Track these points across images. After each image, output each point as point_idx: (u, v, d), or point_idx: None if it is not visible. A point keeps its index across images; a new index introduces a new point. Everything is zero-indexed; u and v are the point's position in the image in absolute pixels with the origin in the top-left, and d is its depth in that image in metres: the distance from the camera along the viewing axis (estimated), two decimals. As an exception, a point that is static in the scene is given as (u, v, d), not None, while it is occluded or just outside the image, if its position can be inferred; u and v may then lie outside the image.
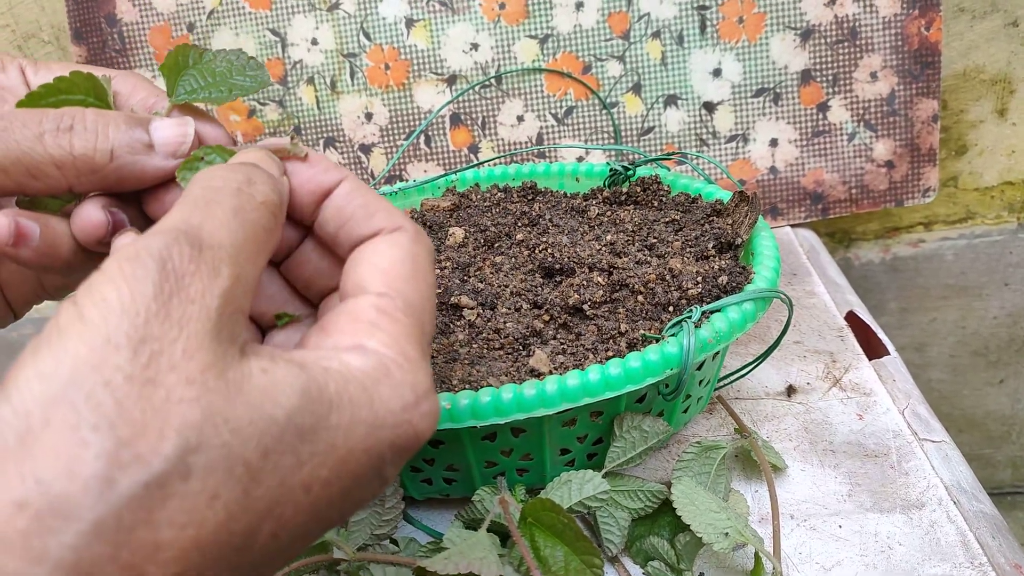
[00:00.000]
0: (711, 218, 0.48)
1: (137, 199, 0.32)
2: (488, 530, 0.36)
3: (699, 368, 0.42)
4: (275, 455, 0.20)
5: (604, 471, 0.40)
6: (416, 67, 0.66)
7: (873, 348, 0.54)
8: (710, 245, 0.45)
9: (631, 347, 0.40)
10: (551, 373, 0.39)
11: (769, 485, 0.39)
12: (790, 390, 0.49)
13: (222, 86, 0.33)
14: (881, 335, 0.54)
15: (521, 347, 0.42)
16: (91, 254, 0.31)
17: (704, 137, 0.65)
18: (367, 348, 0.24)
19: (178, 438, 0.19)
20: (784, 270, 0.62)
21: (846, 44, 0.63)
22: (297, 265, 0.30)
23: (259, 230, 0.24)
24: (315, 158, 0.29)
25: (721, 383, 0.49)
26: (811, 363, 0.52)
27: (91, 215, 0.30)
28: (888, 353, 0.52)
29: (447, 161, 0.68)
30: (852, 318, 0.56)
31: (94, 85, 0.32)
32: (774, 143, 0.65)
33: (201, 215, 0.24)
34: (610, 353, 0.40)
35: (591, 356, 0.40)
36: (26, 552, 0.17)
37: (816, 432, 0.46)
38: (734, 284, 0.42)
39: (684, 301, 0.42)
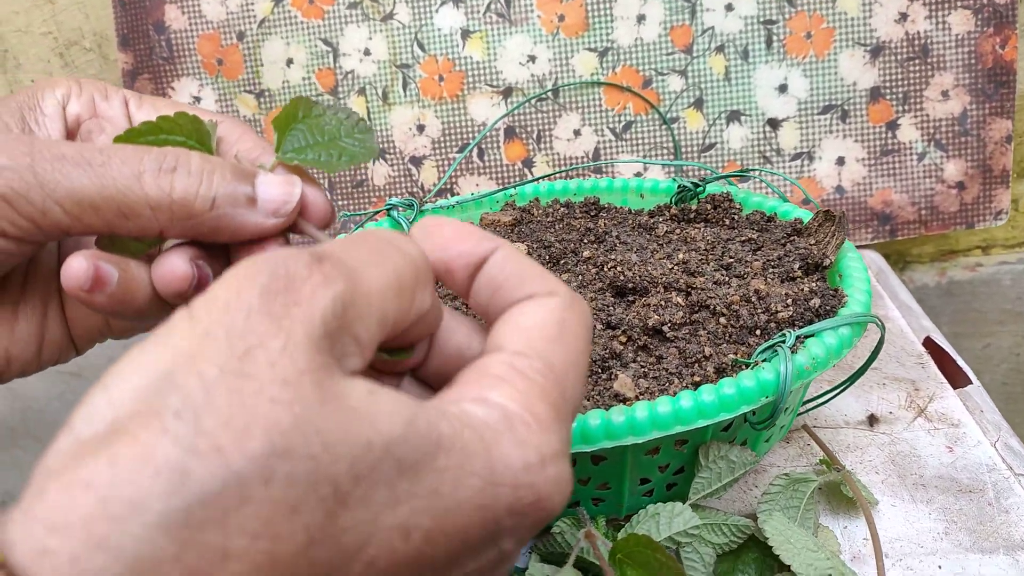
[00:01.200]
0: (791, 238, 0.46)
1: (225, 253, 0.31)
2: (573, 565, 0.34)
3: (790, 394, 0.40)
4: (368, 484, 0.18)
5: (689, 503, 0.38)
6: (471, 79, 0.64)
7: (951, 376, 0.51)
8: (796, 266, 0.43)
9: (719, 372, 0.38)
10: (637, 399, 0.37)
11: (869, 523, 0.36)
12: (872, 419, 0.47)
13: (332, 148, 0.32)
14: (961, 363, 0.51)
15: (601, 370, 0.39)
16: (166, 304, 0.29)
17: (768, 154, 0.63)
18: (490, 400, 0.21)
19: (264, 438, 0.17)
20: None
21: (917, 61, 0.61)
22: (444, 342, 0.27)
23: (391, 269, 0.22)
24: (467, 230, 0.26)
25: (800, 410, 0.46)
26: (891, 391, 0.49)
27: (176, 266, 0.29)
28: (971, 382, 0.50)
29: (500, 175, 0.66)
30: (930, 344, 0.53)
31: (198, 128, 0.31)
32: (840, 162, 0.63)
33: (333, 244, 0.22)
34: (697, 378, 0.38)
35: (676, 381, 0.38)
36: (87, 537, 0.16)
37: (904, 465, 0.44)
38: (827, 307, 0.40)
39: (773, 324, 0.40)
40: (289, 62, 0.65)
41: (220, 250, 0.30)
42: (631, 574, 0.32)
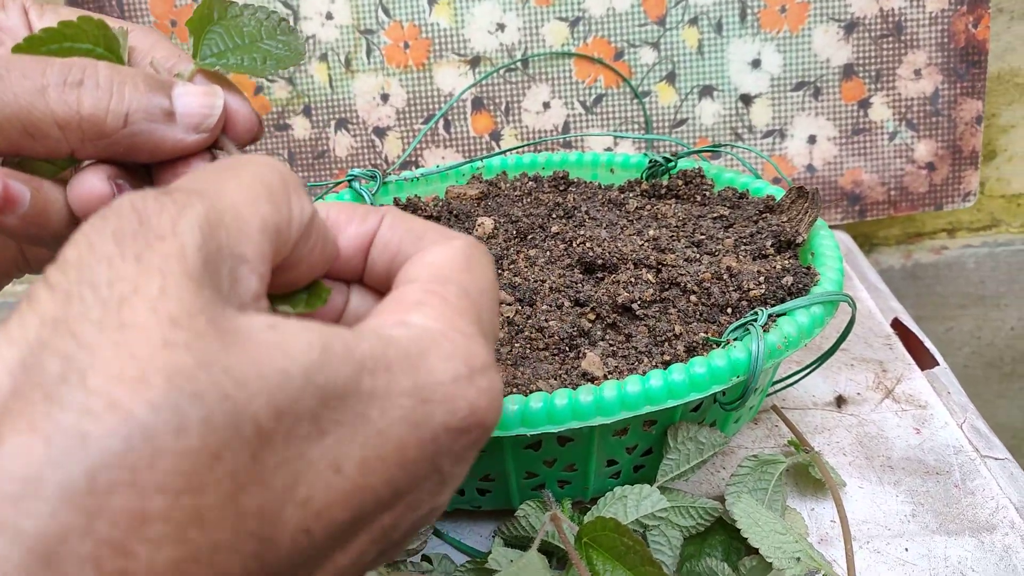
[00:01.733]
0: (764, 215, 0.45)
1: (148, 173, 0.28)
2: (538, 550, 0.33)
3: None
4: (291, 418, 0.16)
5: (657, 485, 0.37)
6: (437, 47, 0.62)
7: (920, 357, 0.51)
8: (768, 244, 0.42)
9: (690, 351, 0.37)
10: (606, 378, 0.35)
11: (838, 505, 0.36)
12: (840, 400, 0.46)
13: (254, 52, 0.29)
14: (929, 344, 0.51)
15: (568, 348, 0.38)
16: None
17: (740, 131, 0.62)
18: (411, 322, 0.20)
19: (166, 384, 0.15)
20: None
21: (891, 39, 0.60)
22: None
23: (252, 175, 0.20)
24: (350, 209, 0.24)
25: (769, 391, 0.46)
26: (860, 372, 0.49)
27: (93, 185, 0.26)
28: (937, 363, 0.50)
29: (467, 148, 0.64)
30: (898, 325, 0.53)
31: (106, 35, 0.28)
32: (812, 140, 0.62)
33: (180, 178, 0.20)
34: (667, 357, 0.37)
35: (645, 359, 0.37)
36: None
37: (871, 447, 0.43)
38: (800, 286, 0.39)
39: (745, 303, 0.39)
40: (247, 25, 0.62)
41: (142, 168, 0.28)
42: (597, 558, 0.31)
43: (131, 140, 0.26)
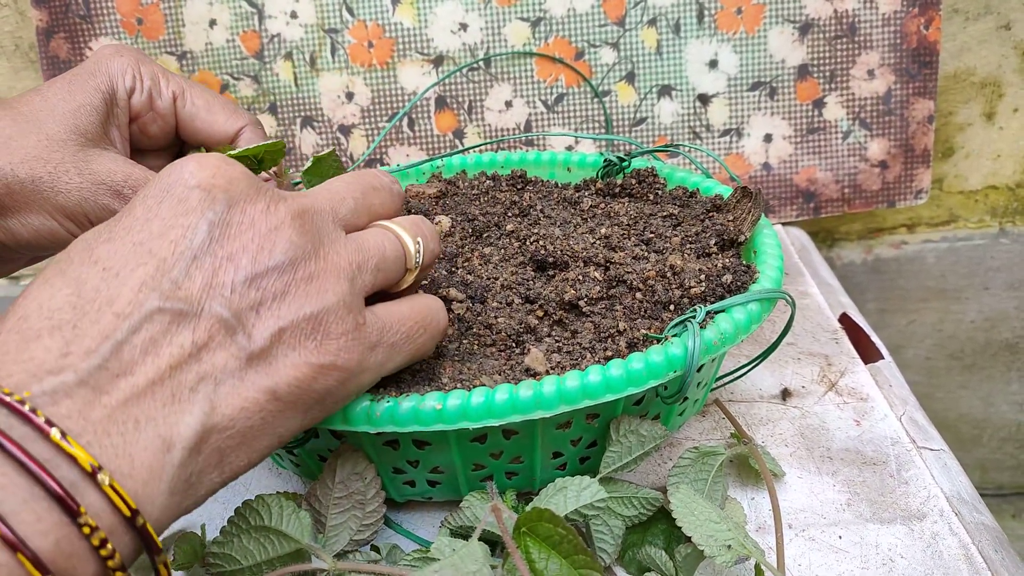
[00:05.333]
0: (711, 214, 0.46)
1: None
2: (481, 539, 0.34)
3: (699, 369, 0.40)
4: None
5: (599, 476, 0.38)
6: (401, 46, 0.63)
7: (865, 351, 0.52)
8: (712, 242, 0.43)
9: (631, 347, 0.38)
10: (548, 373, 0.37)
11: (771, 496, 0.37)
12: (785, 393, 0.48)
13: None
14: (875, 338, 0.52)
15: (514, 344, 0.39)
16: None
17: (697, 130, 0.63)
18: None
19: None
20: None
21: (845, 40, 0.62)
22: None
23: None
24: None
25: (715, 385, 0.47)
26: (806, 366, 0.50)
27: None
28: (882, 357, 0.51)
29: (431, 146, 0.65)
30: (846, 320, 0.55)
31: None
32: (768, 139, 0.63)
33: None
34: (609, 353, 0.38)
35: (589, 355, 0.38)
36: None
37: (813, 438, 0.45)
38: (739, 283, 0.40)
39: (686, 300, 0.40)
40: (212, 23, 0.63)
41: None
42: (533, 546, 0.32)
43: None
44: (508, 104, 0.64)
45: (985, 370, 0.92)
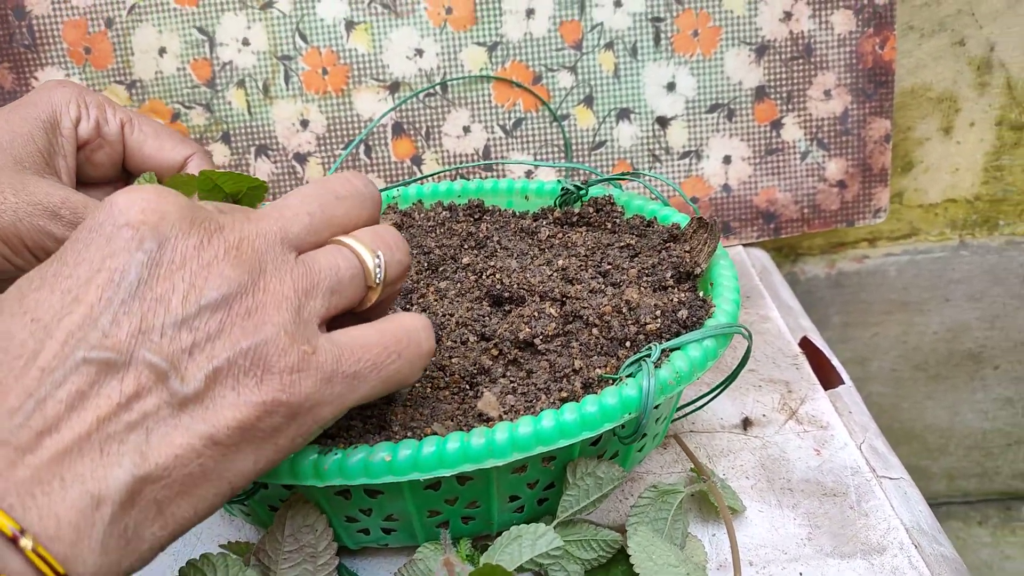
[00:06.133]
0: (668, 244, 0.46)
1: None
2: (432, 594, 0.33)
3: (656, 407, 0.40)
4: None
5: (556, 521, 0.37)
6: (356, 72, 0.62)
7: (826, 374, 0.52)
8: (668, 275, 0.43)
9: (586, 387, 0.38)
10: (500, 418, 0.36)
11: (731, 537, 0.37)
12: (746, 423, 0.48)
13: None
14: (835, 362, 0.52)
15: (468, 386, 0.39)
16: None
17: (657, 153, 0.63)
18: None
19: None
20: (737, 292, 0.61)
21: (801, 61, 0.62)
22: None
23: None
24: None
25: (676, 416, 0.47)
26: (766, 393, 0.50)
27: None
28: (843, 382, 0.51)
29: (389, 173, 0.64)
30: (806, 344, 0.54)
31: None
32: (727, 160, 0.63)
33: None
34: (564, 394, 0.37)
35: (543, 397, 0.37)
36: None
37: (773, 469, 0.44)
38: (695, 319, 0.40)
39: (642, 336, 0.39)
40: (162, 51, 0.62)
41: None
42: (487, 603, 0.31)
43: None
44: (466, 129, 0.63)
45: (949, 380, 0.93)
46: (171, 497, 0.26)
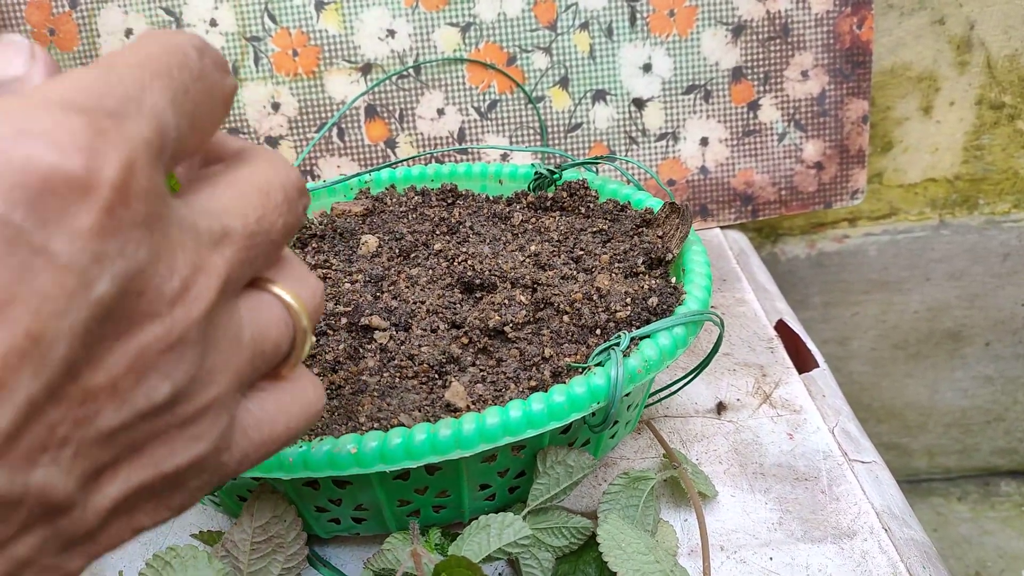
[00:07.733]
0: (640, 229, 0.45)
1: None
2: (399, 585, 0.33)
3: (627, 394, 0.39)
4: None
5: (527, 510, 0.37)
6: (327, 54, 0.61)
7: (802, 358, 0.52)
8: (639, 261, 0.42)
9: (555, 376, 0.37)
10: (468, 409, 0.36)
11: (700, 524, 0.37)
12: (720, 407, 0.47)
13: None
14: (811, 345, 0.52)
15: (437, 375, 0.38)
16: None
17: (634, 135, 0.62)
18: None
19: None
20: (714, 276, 0.60)
21: (778, 41, 0.61)
22: None
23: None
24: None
25: (650, 401, 0.46)
26: (741, 377, 0.50)
27: None
28: (817, 365, 0.51)
29: (363, 156, 0.63)
30: (782, 327, 0.54)
31: None
32: (704, 142, 0.63)
33: None
34: (533, 383, 0.37)
35: (512, 386, 0.37)
36: None
37: (746, 454, 0.44)
38: (665, 306, 0.39)
39: (612, 324, 0.39)
40: (128, 32, 0.60)
41: None
42: (453, 593, 0.31)
43: None
44: (440, 112, 0.62)
45: (929, 358, 0.94)
46: None
